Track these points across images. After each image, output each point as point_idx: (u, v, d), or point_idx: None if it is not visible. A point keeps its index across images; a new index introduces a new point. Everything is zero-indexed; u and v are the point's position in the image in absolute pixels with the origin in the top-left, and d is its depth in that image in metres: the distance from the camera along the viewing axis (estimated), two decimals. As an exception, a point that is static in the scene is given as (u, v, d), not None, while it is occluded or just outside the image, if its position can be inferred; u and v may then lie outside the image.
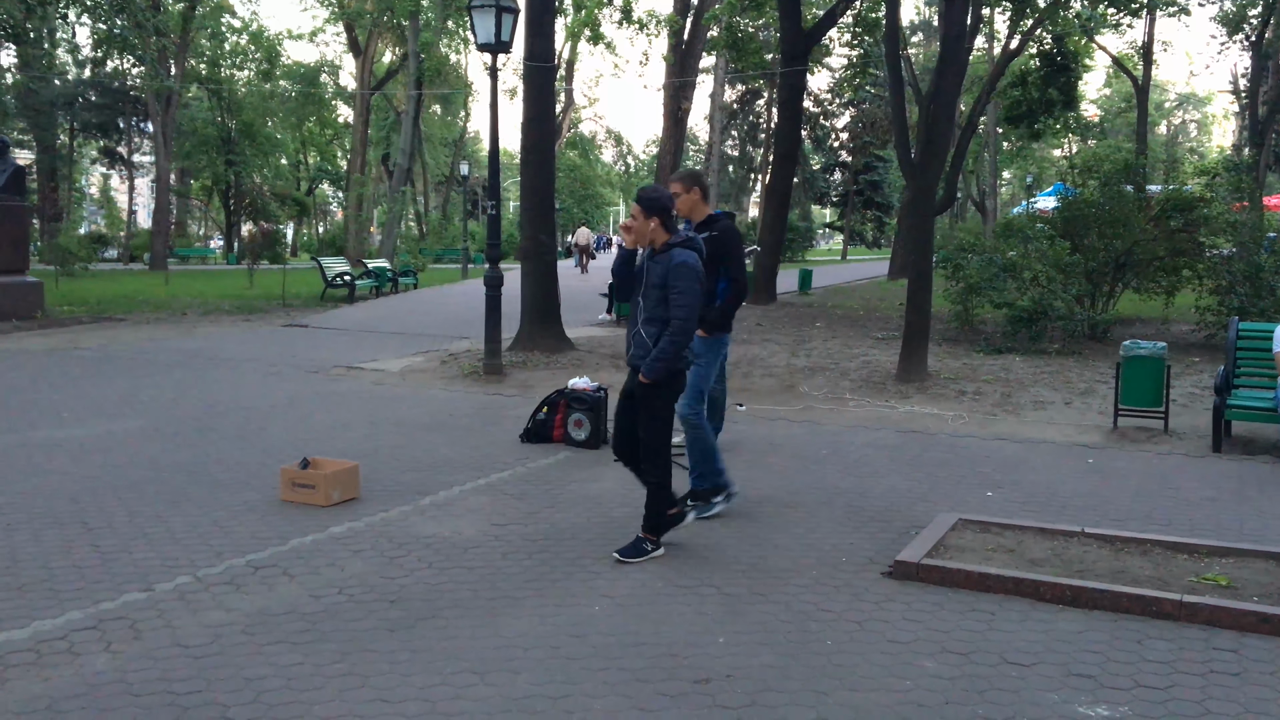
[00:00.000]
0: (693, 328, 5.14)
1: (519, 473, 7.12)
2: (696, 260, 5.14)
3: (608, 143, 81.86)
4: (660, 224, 5.23)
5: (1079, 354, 13.24)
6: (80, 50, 47.88)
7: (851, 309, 21.05)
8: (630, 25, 26.30)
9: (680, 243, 5.19)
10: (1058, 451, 8.04)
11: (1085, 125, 42.97)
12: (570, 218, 70.17)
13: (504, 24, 11.15)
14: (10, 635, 4.15)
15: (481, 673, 3.88)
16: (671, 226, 5.27)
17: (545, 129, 14.02)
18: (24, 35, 32.04)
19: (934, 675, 3.91)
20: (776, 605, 4.62)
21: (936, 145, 11.82)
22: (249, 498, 6.35)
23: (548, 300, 13.80)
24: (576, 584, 4.88)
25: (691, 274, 5.08)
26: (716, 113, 39.75)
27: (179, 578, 4.87)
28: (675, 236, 5.23)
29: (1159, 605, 4.49)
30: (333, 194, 73.61)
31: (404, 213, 47.83)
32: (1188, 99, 74.55)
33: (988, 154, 42.13)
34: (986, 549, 5.30)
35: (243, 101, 49.75)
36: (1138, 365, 8.59)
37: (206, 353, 13.56)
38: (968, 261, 15.31)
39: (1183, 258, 15.16)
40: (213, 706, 3.58)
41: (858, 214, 63.72)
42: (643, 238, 5.24)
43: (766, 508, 6.27)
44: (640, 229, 5.23)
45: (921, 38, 54.59)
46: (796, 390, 10.80)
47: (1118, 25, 26.26)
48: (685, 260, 5.09)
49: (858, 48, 27.45)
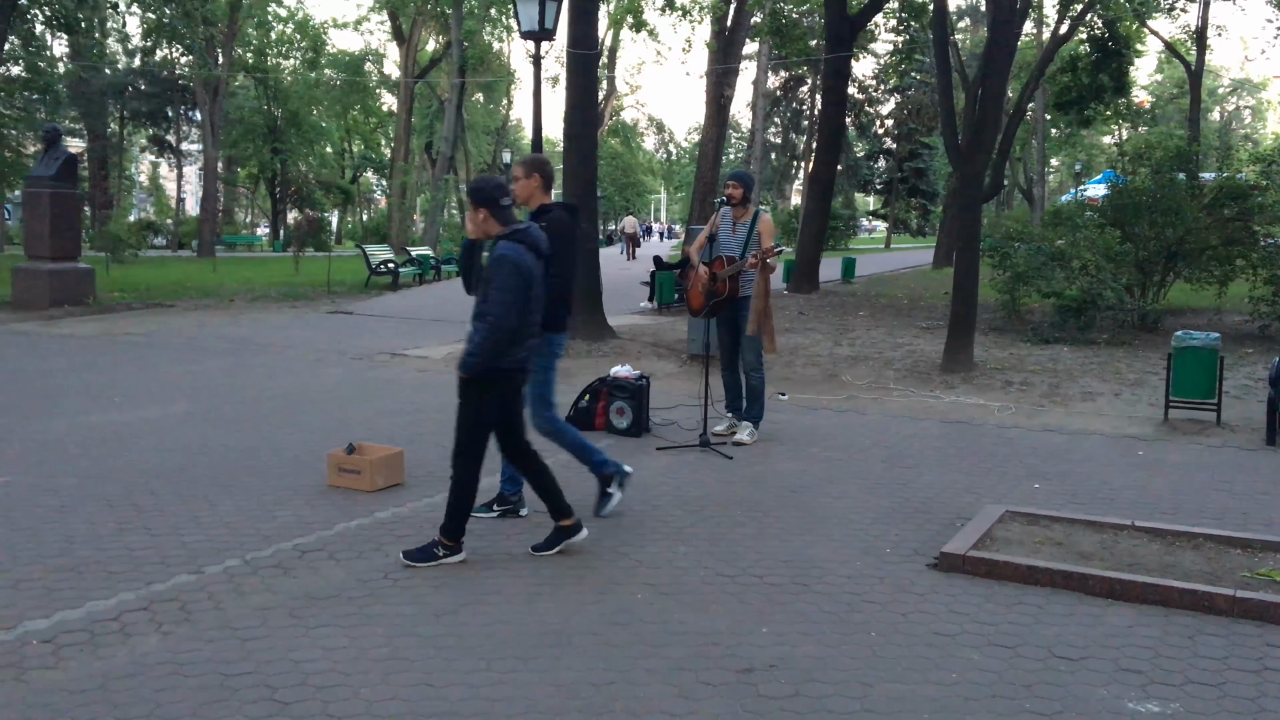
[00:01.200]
0: (508, 324, 4.78)
1: (561, 460, 7.12)
2: (519, 253, 4.83)
3: (649, 130, 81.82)
4: (488, 215, 4.94)
5: (1129, 344, 13.03)
6: (130, 40, 48.55)
7: (895, 298, 20.86)
8: (673, 12, 26.24)
9: (508, 234, 4.91)
10: (1107, 443, 7.92)
11: (1136, 112, 42.22)
12: (611, 205, 70.25)
13: (548, 11, 11.16)
14: (65, 615, 4.24)
15: (524, 658, 3.90)
16: (503, 217, 4.95)
17: (588, 117, 14.01)
18: (75, 25, 32.50)
19: (980, 668, 3.87)
20: (820, 596, 4.60)
21: (984, 132, 11.66)
22: (296, 482, 6.42)
23: (590, 288, 13.81)
24: (619, 571, 4.88)
25: (508, 268, 4.78)
26: (759, 100, 39.55)
27: (228, 560, 4.94)
28: (509, 228, 4.93)
29: (1211, 600, 4.41)
30: (376, 182, 74.16)
31: (447, 201, 48.05)
32: (1242, 84, 72.98)
33: (1036, 141, 41.52)
34: (1034, 541, 5.24)
35: (289, 90, 50.18)
36: (1190, 356, 8.43)
37: (253, 339, 13.73)
38: (1015, 250, 15.11)
39: (1236, 247, 14.85)
40: (261, 687, 3.63)
41: (902, 202, 63.07)
42: (477, 229, 4.99)
43: (809, 498, 6.24)
44: (471, 220, 5.00)
45: (969, 23, 53.85)
46: (839, 379, 10.73)
47: (1171, 9, 25.78)
48: (504, 253, 4.81)
49: (903, 33, 27.17)
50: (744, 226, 7.78)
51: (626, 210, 70.70)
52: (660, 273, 18.14)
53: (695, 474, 6.80)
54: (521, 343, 4.94)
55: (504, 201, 4.98)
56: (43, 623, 4.16)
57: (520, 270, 4.80)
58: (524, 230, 4.95)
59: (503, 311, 4.77)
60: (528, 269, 4.84)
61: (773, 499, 6.19)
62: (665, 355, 12.19)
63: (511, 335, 4.83)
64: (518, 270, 4.80)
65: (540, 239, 5.01)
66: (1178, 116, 53.27)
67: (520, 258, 4.82)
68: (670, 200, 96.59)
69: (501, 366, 4.90)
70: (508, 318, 4.78)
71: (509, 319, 4.79)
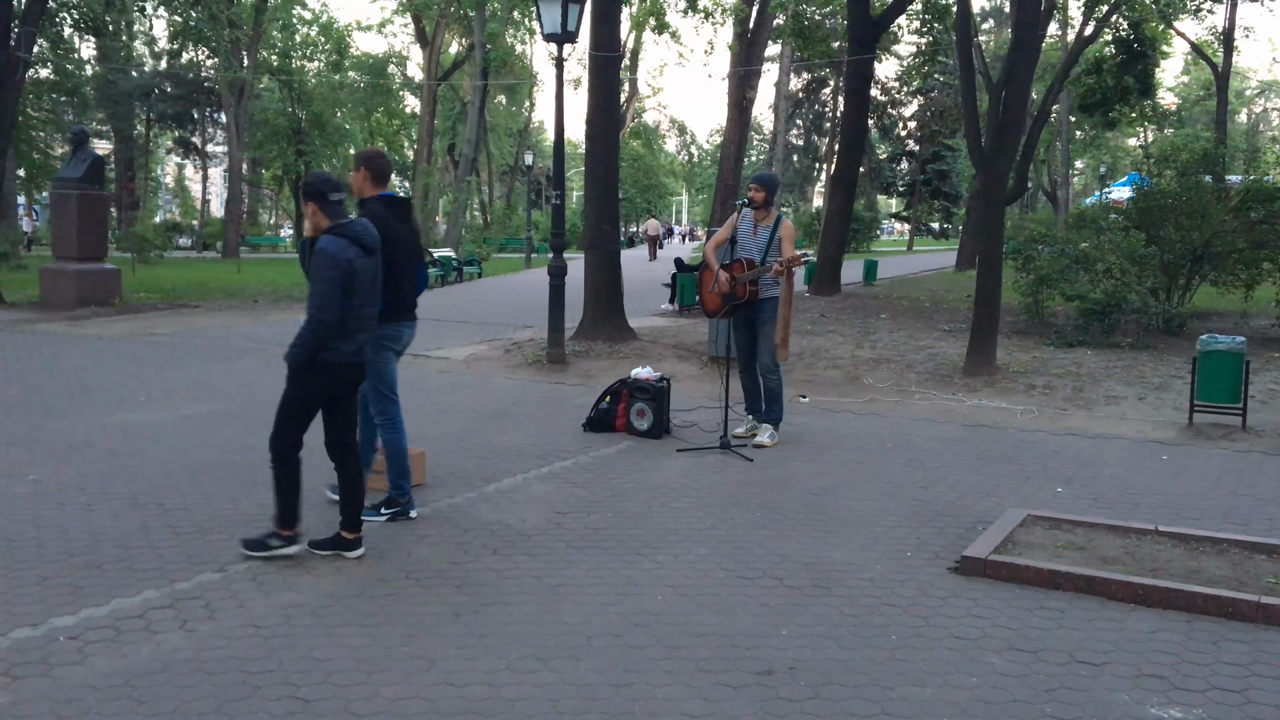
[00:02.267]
0: (326, 316, 4.82)
1: (582, 461, 7.16)
2: (339, 247, 4.88)
3: (671, 132, 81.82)
4: (317, 209, 5.01)
5: (1153, 348, 12.93)
6: (157, 42, 49.05)
7: (917, 300, 20.78)
8: (695, 14, 26.25)
9: (331, 228, 4.95)
10: (1130, 448, 7.87)
11: (1162, 114, 41.89)
12: (633, 207, 70.25)
13: (570, 14, 11.17)
14: (91, 612, 4.28)
15: (545, 659, 3.91)
16: (331, 212, 5.00)
17: (610, 119, 14.03)
18: (103, 28, 32.89)
19: (1001, 672, 3.86)
20: (840, 598, 4.60)
21: (1008, 134, 11.60)
22: (319, 482, 6.45)
23: (611, 290, 13.83)
24: (639, 573, 4.89)
25: (326, 261, 4.84)
26: (782, 101, 39.50)
27: (252, 559, 4.98)
28: (334, 222, 4.97)
29: (1236, 606, 4.38)
30: (400, 184, 74.49)
31: (469, 202, 48.26)
32: (1270, 86, 72.28)
33: (1060, 143, 41.28)
34: (1056, 546, 5.21)
35: (313, 92, 50.45)
36: (1215, 360, 8.37)
37: (277, 339, 13.81)
38: (1039, 253, 15.01)
39: (1263, 250, 14.69)
40: (284, 685, 3.66)
41: (924, 204, 62.81)
42: (311, 224, 5.07)
43: (830, 500, 6.23)
44: (306, 214, 5.09)
45: (992, 24, 53.65)
46: (861, 382, 10.70)
47: (1197, 11, 25.50)
48: (322, 247, 4.88)
49: (927, 35, 27.01)
50: (765, 230, 7.77)
51: (648, 212, 70.70)
52: (681, 274, 18.16)
53: (715, 476, 6.80)
54: (349, 336, 4.98)
55: (333, 196, 5.04)
56: (69, 619, 4.21)
57: (337, 263, 4.85)
58: (348, 224, 5.00)
59: (319, 304, 4.83)
60: (345, 262, 4.87)
61: (793, 501, 6.19)
62: (686, 357, 12.20)
63: (332, 327, 4.88)
64: (335, 264, 4.85)
65: (366, 234, 5.04)
66: (1204, 118, 52.84)
67: (338, 251, 4.87)
68: (692, 202, 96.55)
69: (327, 360, 4.95)
70: (325, 310, 4.84)
71: (326, 311, 4.84)
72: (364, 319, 5.06)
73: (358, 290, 4.95)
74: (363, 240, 5.01)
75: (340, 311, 4.87)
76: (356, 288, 4.94)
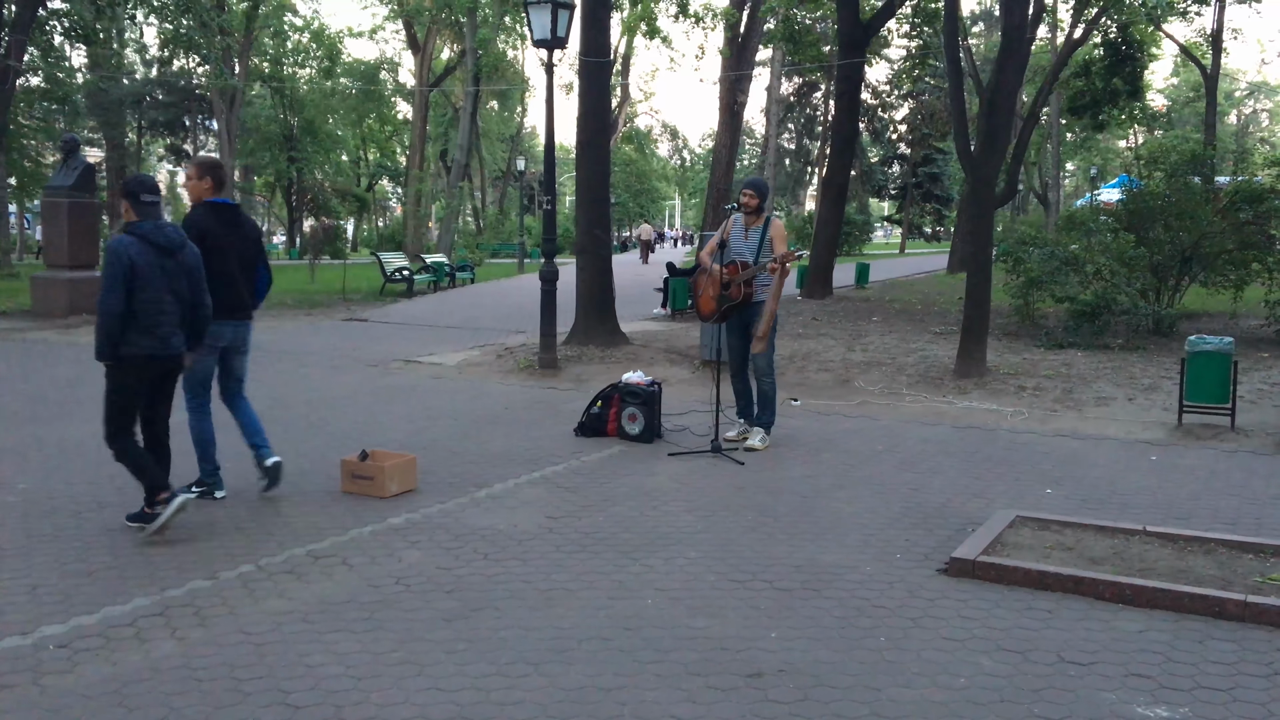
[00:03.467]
0: (109, 310, 5.14)
1: (573, 466, 7.17)
2: (124, 245, 5.19)
3: (664, 137, 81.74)
4: (129, 208, 5.37)
5: (1143, 349, 12.98)
6: (148, 50, 48.98)
7: (909, 303, 20.83)
8: (687, 19, 26.26)
9: (126, 228, 5.29)
10: (1120, 448, 7.90)
11: (1151, 115, 42.03)
12: (626, 212, 70.30)
13: (560, 20, 11.20)
14: (81, 621, 4.28)
15: (535, 663, 3.92)
16: (139, 211, 5.34)
17: (601, 124, 14.05)
18: (94, 36, 32.81)
19: (989, 673, 3.88)
20: (830, 601, 4.61)
21: (996, 137, 11.64)
22: (310, 489, 6.47)
23: (603, 295, 13.84)
24: (629, 576, 4.91)
25: (109, 258, 5.19)
26: (773, 106, 39.57)
27: (242, 566, 4.98)
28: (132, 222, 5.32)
29: (1222, 605, 4.40)
30: (392, 190, 74.50)
31: (461, 208, 48.27)
32: (1259, 88, 72.56)
33: (1051, 145, 41.40)
34: (1045, 546, 5.24)
35: (304, 99, 50.52)
36: (1203, 360, 8.41)
37: (269, 346, 13.81)
38: (1029, 255, 15.06)
39: (1252, 251, 14.76)
40: (274, 692, 3.66)
41: (916, 207, 63.00)
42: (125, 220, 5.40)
43: (820, 503, 6.25)
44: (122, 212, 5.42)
45: (982, 28, 53.79)
46: (852, 385, 10.72)
47: (1185, 13, 25.62)
48: (110, 245, 5.23)
49: (917, 39, 27.13)
50: (756, 232, 7.81)
51: (641, 217, 70.77)
52: (674, 279, 18.18)
53: (707, 480, 6.81)
54: (146, 331, 5.27)
55: (144, 197, 5.38)
56: (59, 628, 4.21)
57: (118, 260, 5.16)
58: (142, 225, 5.30)
59: (100, 298, 5.16)
60: (127, 259, 5.16)
61: (784, 504, 6.20)
62: (678, 361, 12.21)
63: (117, 320, 5.16)
64: (114, 260, 5.17)
65: (162, 234, 5.33)
66: (1194, 120, 53.01)
67: (120, 249, 5.18)
68: (685, 206, 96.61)
69: (127, 354, 5.25)
70: (105, 304, 5.14)
71: (106, 305, 5.14)
72: (158, 314, 5.32)
73: (145, 286, 5.24)
74: (156, 240, 5.30)
75: (124, 305, 5.17)
76: (142, 284, 5.22)
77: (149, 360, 5.35)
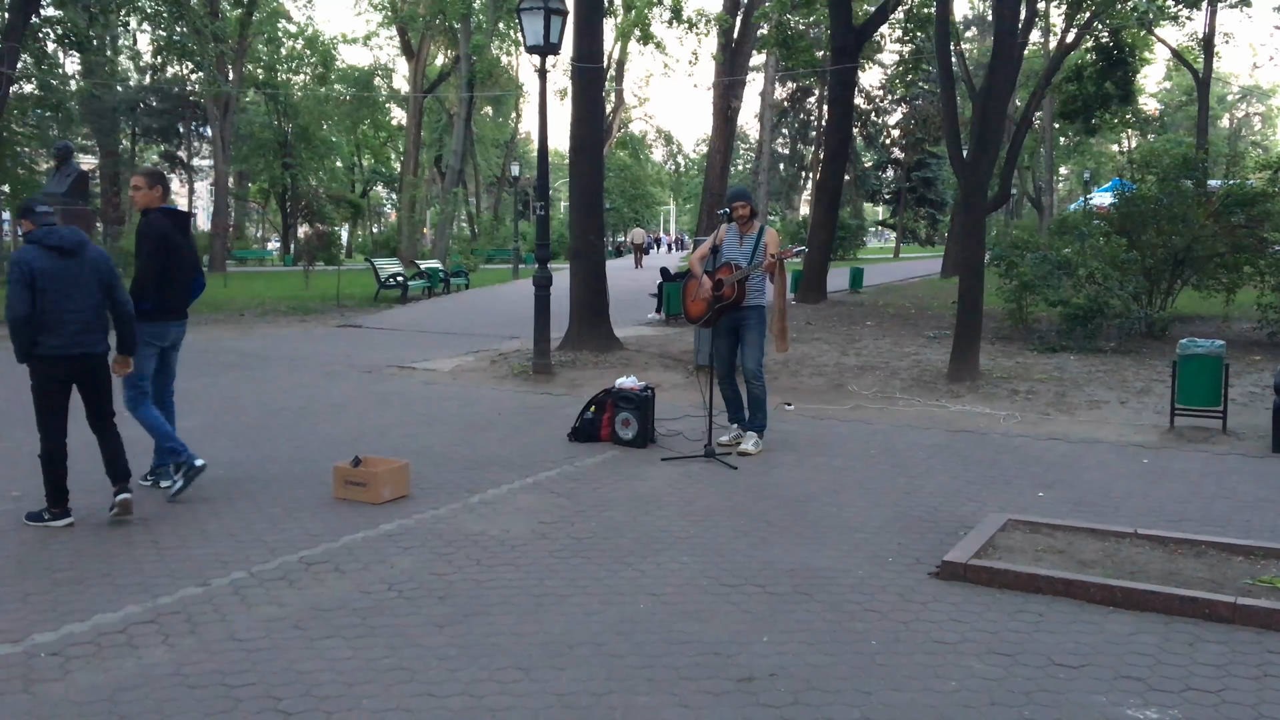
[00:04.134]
0: (14, 314, 5.44)
1: (566, 471, 7.18)
2: (23, 252, 5.51)
3: (658, 142, 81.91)
4: (29, 223, 5.72)
5: (1136, 353, 13.01)
6: (141, 57, 48.91)
7: (903, 307, 20.87)
8: (680, 24, 26.38)
9: (27, 236, 5.62)
10: (1112, 452, 7.92)
11: (1144, 119, 42.15)
12: (620, 217, 70.33)
13: (553, 26, 11.22)
14: (72, 628, 4.28)
15: (527, 668, 3.93)
16: (35, 220, 5.68)
17: (594, 129, 14.08)
18: (87, 43, 32.78)
19: (980, 676, 3.89)
20: (821, 604, 4.62)
21: (988, 142, 11.68)
22: (303, 495, 6.47)
23: (596, 300, 13.86)
24: (622, 582, 4.91)
25: (11, 268, 5.52)
26: (767, 111, 39.60)
27: (234, 573, 4.98)
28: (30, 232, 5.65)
29: (1212, 608, 4.42)
30: (386, 196, 74.48)
31: (456, 214, 48.24)
32: (1251, 92, 72.89)
33: (1044, 149, 41.51)
34: (1036, 550, 5.25)
35: (299, 105, 50.52)
36: (1195, 364, 8.43)
37: (263, 353, 13.81)
38: (1022, 259, 15.11)
39: (1244, 254, 14.81)
40: (266, 698, 3.66)
41: (910, 211, 63.10)
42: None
43: (813, 507, 6.26)
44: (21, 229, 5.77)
45: (976, 32, 53.91)
46: (846, 389, 10.74)
47: (1177, 17, 25.66)
48: (11, 257, 5.62)
49: (909, 44, 27.17)
50: (750, 239, 7.82)
51: (635, 222, 70.80)
52: (667, 284, 18.20)
53: (700, 485, 6.82)
54: (54, 331, 5.55)
55: (39, 209, 5.79)
56: (50, 635, 4.21)
57: (18, 266, 5.47)
58: (40, 232, 5.59)
59: (8, 305, 5.46)
60: (27, 265, 5.47)
61: (777, 509, 6.21)
62: (671, 366, 12.23)
63: (24, 322, 5.47)
64: (15, 266, 5.49)
65: (56, 236, 5.58)
66: (1187, 124, 53.21)
67: (20, 257, 5.51)
68: (679, 211, 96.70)
69: (40, 354, 5.57)
70: (10, 309, 5.45)
71: (14, 310, 5.45)
72: (63, 313, 5.57)
73: (49, 289, 5.52)
74: (56, 244, 5.56)
75: (29, 308, 5.46)
76: (45, 287, 5.50)
77: (60, 358, 5.62)
